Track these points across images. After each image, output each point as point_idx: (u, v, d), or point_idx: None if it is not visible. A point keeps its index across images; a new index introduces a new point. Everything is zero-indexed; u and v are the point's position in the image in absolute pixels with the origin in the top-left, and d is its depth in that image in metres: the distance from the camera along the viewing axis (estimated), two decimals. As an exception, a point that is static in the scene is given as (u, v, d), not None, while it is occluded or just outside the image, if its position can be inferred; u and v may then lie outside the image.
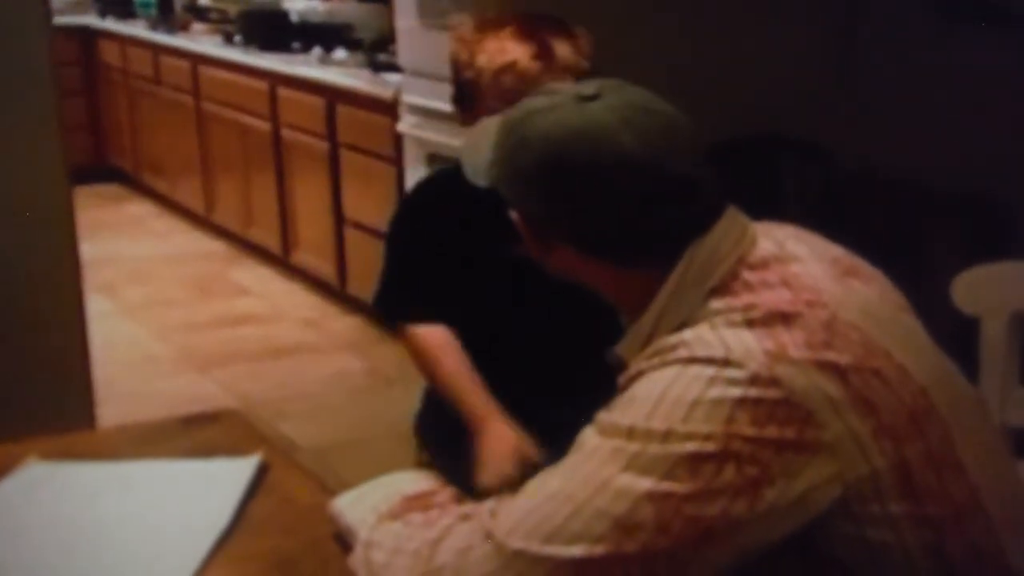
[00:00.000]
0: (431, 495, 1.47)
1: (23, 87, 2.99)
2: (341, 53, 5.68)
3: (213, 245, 6.52)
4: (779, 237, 1.45)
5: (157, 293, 5.76)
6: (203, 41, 6.69)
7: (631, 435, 1.27)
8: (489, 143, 1.50)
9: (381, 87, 4.85)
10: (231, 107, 6.15)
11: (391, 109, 4.69)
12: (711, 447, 1.24)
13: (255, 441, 1.92)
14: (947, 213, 3.77)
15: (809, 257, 1.42)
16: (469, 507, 1.40)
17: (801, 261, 1.41)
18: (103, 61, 7.76)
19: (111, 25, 7.71)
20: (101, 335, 3.59)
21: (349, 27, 5.98)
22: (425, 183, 2.31)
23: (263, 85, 5.78)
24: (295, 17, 6.33)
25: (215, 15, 7.22)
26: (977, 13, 3.81)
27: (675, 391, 1.27)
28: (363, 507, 1.49)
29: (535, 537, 1.27)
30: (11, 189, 3.00)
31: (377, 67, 5.18)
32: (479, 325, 2.13)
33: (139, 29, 7.35)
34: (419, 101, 4.40)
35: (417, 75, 4.41)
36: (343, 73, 5.27)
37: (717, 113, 1.47)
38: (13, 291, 3.03)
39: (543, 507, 1.28)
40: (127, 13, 7.82)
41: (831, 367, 1.28)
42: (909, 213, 3.80)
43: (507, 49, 2.01)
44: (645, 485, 1.24)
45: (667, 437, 1.25)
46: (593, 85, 1.43)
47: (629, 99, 1.41)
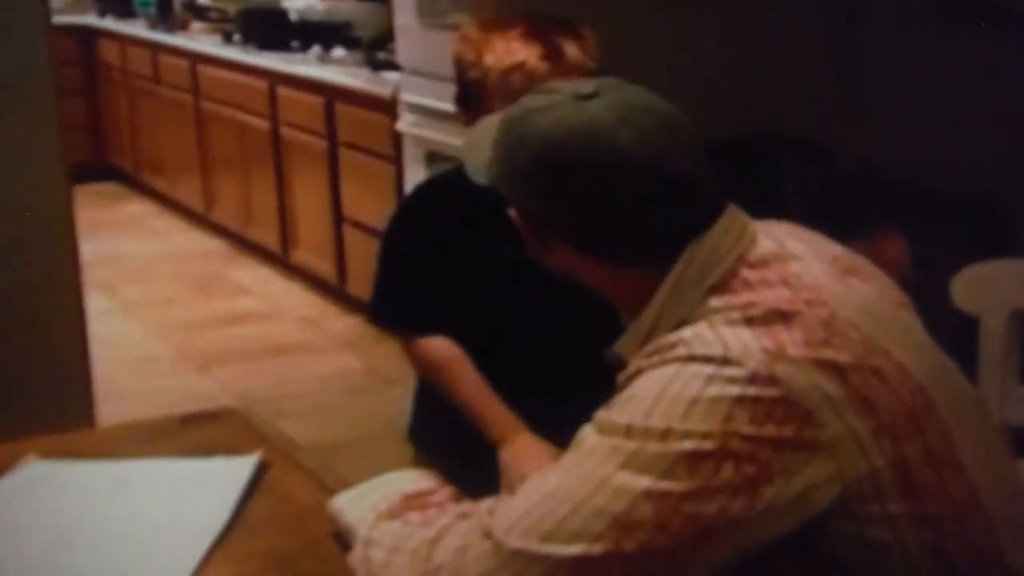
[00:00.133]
0: (430, 494, 1.47)
1: (23, 86, 2.98)
2: (340, 52, 5.69)
3: (212, 244, 6.52)
4: (779, 236, 1.45)
5: (156, 292, 5.76)
6: (202, 40, 6.69)
7: (629, 433, 1.27)
8: (489, 141, 1.50)
9: (380, 86, 4.85)
10: (230, 106, 6.15)
11: (390, 108, 4.69)
12: (709, 445, 1.24)
13: (254, 440, 1.92)
14: (947, 213, 3.76)
15: (809, 256, 1.42)
16: (467, 506, 1.40)
17: (801, 260, 1.41)
18: (102, 60, 7.76)
19: (110, 24, 7.71)
20: (101, 334, 3.59)
21: (348, 25, 5.98)
22: (424, 186, 2.28)
23: (262, 84, 5.78)
24: (294, 16, 6.33)
25: (214, 14, 7.22)
26: (977, 13, 3.81)
27: (674, 389, 1.27)
28: (362, 506, 1.49)
29: (533, 536, 1.27)
30: (11, 188, 3.00)
31: (376, 66, 5.18)
32: (479, 326, 2.11)
33: (138, 28, 7.35)
34: (418, 100, 4.40)
35: (416, 74, 4.41)
36: (342, 72, 5.27)
37: (716, 112, 1.47)
38: (13, 290, 3.02)
39: (541, 505, 1.28)
40: (126, 12, 7.83)
41: (830, 366, 1.28)
42: (909, 212, 3.80)
43: (515, 49, 1.97)
44: (643, 483, 1.24)
45: (665, 435, 1.25)
46: (592, 84, 1.43)
47: (628, 98, 1.41)
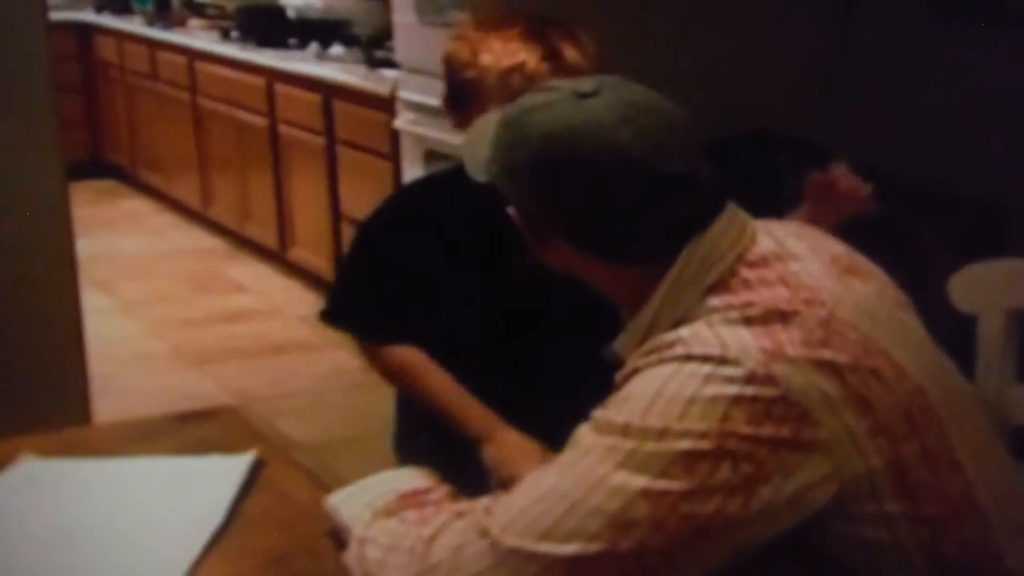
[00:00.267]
0: (426, 492, 1.47)
1: (20, 83, 2.98)
2: (338, 49, 5.68)
3: (210, 241, 6.52)
4: (779, 235, 1.45)
5: (153, 289, 5.76)
6: (200, 37, 6.69)
7: (626, 432, 1.27)
8: (488, 140, 1.50)
9: (378, 83, 4.85)
10: (228, 103, 6.14)
11: (388, 105, 4.68)
12: (706, 445, 1.23)
13: (251, 438, 1.91)
14: (943, 211, 3.76)
15: (808, 255, 1.42)
16: (464, 504, 1.40)
17: (800, 259, 1.40)
18: (100, 57, 7.75)
19: (108, 21, 7.71)
20: (97, 331, 3.59)
21: (346, 23, 5.97)
22: (403, 191, 2.22)
23: (260, 81, 5.77)
24: (292, 13, 6.32)
25: (212, 11, 7.22)
26: (975, 12, 3.81)
27: (671, 388, 1.27)
28: (358, 504, 1.49)
29: (529, 535, 1.27)
30: (7, 185, 3.00)
31: (374, 63, 5.18)
32: (461, 332, 2.06)
33: (136, 25, 7.34)
34: (416, 97, 4.40)
35: (414, 71, 4.40)
36: (340, 69, 5.27)
37: (714, 111, 1.47)
38: (9, 287, 3.02)
39: (538, 504, 1.28)
40: (124, 9, 7.82)
41: (828, 366, 1.28)
42: (905, 211, 3.80)
43: (515, 50, 1.93)
44: (640, 483, 1.24)
45: (662, 435, 1.25)
46: (591, 82, 1.42)
47: (628, 96, 1.40)
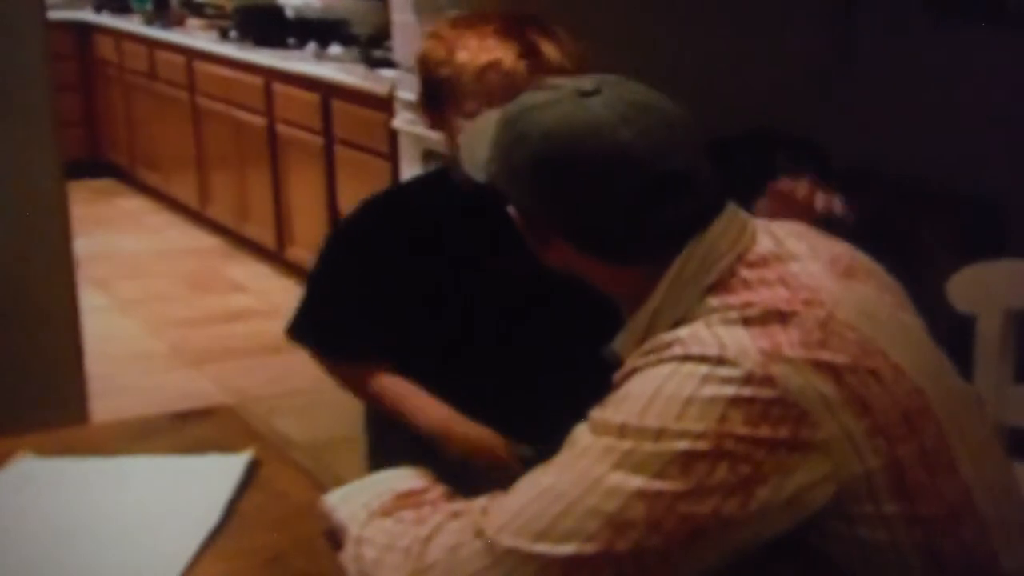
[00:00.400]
0: (423, 492, 1.47)
1: (17, 82, 2.98)
2: (336, 49, 5.68)
3: (208, 241, 6.52)
4: (779, 235, 1.45)
5: (151, 288, 5.76)
6: (198, 36, 6.68)
7: (623, 433, 1.26)
8: (487, 139, 1.49)
9: (376, 83, 4.85)
10: (226, 102, 6.14)
11: (386, 105, 4.68)
12: (703, 446, 1.23)
13: (248, 437, 1.91)
14: (943, 211, 3.76)
15: (808, 256, 1.42)
16: (460, 504, 1.40)
17: (799, 260, 1.40)
18: (98, 56, 7.75)
19: (106, 20, 7.70)
20: (95, 330, 3.58)
21: (345, 22, 5.97)
22: (369, 202, 2.13)
23: (258, 80, 5.77)
24: (290, 12, 6.32)
25: (210, 10, 7.22)
26: (975, 12, 3.81)
27: (669, 389, 1.27)
28: (354, 504, 1.49)
29: (526, 535, 1.27)
30: (5, 184, 2.99)
31: (372, 63, 5.18)
32: (437, 342, 1.99)
33: (134, 24, 7.34)
34: (414, 97, 4.38)
35: (412, 71, 4.39)
36: (338, 69, 5.27)
37: (714, 111, 1.46)
38: (6, 286, 3.02)
39: (534, 505, 1.28)
40: (122, 8, 7.82)
41: (826, 366, 1.27)
42: (903, 211, 3.80)
43: (491, 47, 1.90)
44: (636, 483, 1.24)
45: (660, 435, 1.24)
46: (592, 80, 1.42)
47: (628, 95, 1.40)
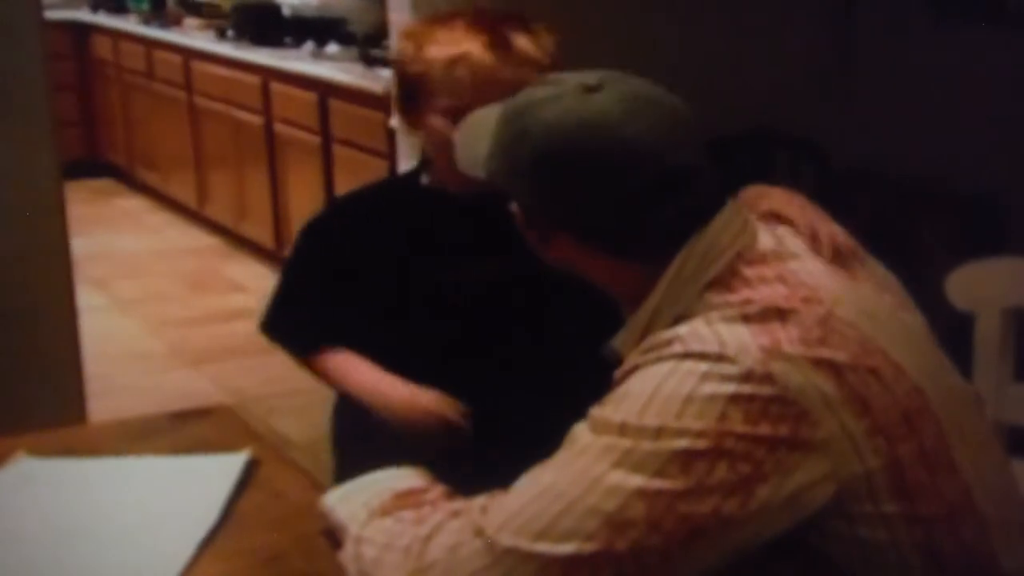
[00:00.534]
0: (422, 492, 1.46)
1: (15, 82, 2.97)
2: (334, 47, 5.67)
3: (206, 240, 6.51)
4: (779, 232, 1.45)
5: (150, 288, 5.75)
6: (196, 36, 6.68)
7: (623, 431, 1.26)
8: (485, 134, 1.49)
9: (374, 81, 4.84)
10: (224, 102, 6.13)
11: (384, 104, 4.67)
12: (703, 444, 1.23)
13: (246, 437, 1.91)
14: (942, 210, 3.76)
15: (808, 253, 1.42)
16: (460, 504, 1.40)
17: (799, 257, 1.40)
18: (95, 56, 7.74)
19: (103, 20, 7.70)
20: (94, 330, 3.58)
21: (342, 21, 5.97)
22: (347, 197, 2.11)
23: (256, 80, 5.77)
24: (287, 11, 6.32)
25: (208, 10, 7.21)
26: (975, 12, 3.81)
27: (668, 387, 1.26)
28: (354, 503, 1.48)
29: (525, 534, 1.26)
30: (3, 184, 2.99)
31: (370, 61, 5.17)
32: (407, 344, 1.96)
33: (131, 24, 7.33)
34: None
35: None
36: (336, 68, 5.26)
37: (714, 110, 1.47)
38: (5, 286, 3.01)
39: (534, 504, 1.28)
40: (119, 8, 7.81)
41: (826, 364, 1.27)
42: (903, 210, 3.80)
43: (459, 39, 1.86)
44: (636, 482, 1.24)
45: (659, 434, 1.24)
46: (596, 75, 1.42)
47: (634, 90, 1.40)
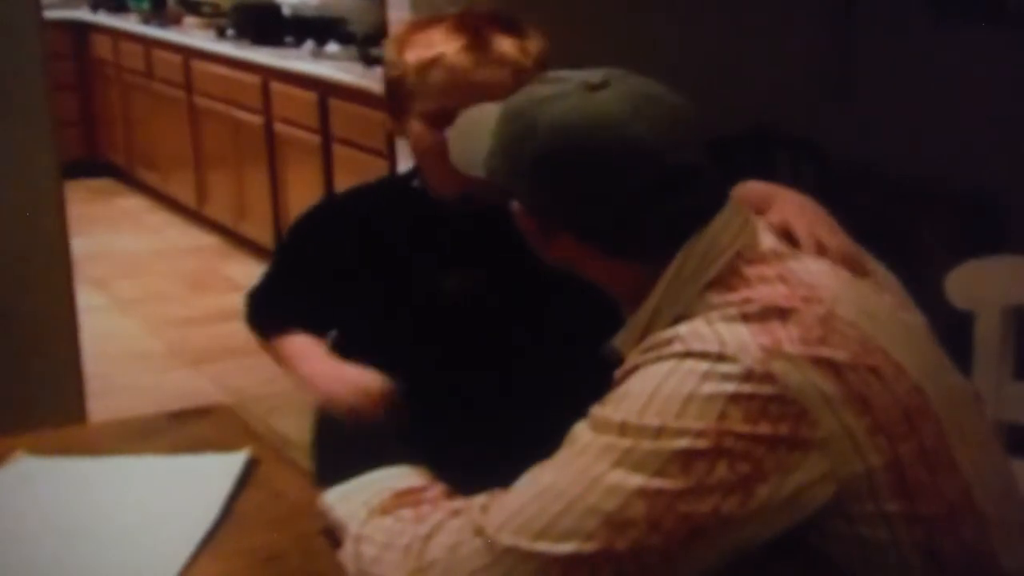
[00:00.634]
0: (422, 491, 1.46)
1: (14, 82, 2.98)
2: (334, 47, 5.67)
3: (205, 240, 6.51)
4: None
5: (149, 288, 5.75)
6: (195, 35, 6.68)
7: (623, 431, 1.26)
8: (484, 132, 1.49)
9: (374, 81, 4.83)
10: (223, 101, 6.13)
11: (384, 103, 4.67)
12: (703, 444, 1.23)
13: (246, 436, 1.91)
14: (942, 210, 3.76)
15: (809, 253, 1.42)
16: (460, 503, 1.40)
17: (800, 257, 1.41)
18: (95, 55, 7.74)
19: (103, 19, 7.70)
20: (93, 330, 3.58)
21: (342, 21, 5.97)
22: (327, 200, 2.07)
23: (255, 79, 5.77)
24: (287, 11, 6.32)
25: (207, 9, 7.21)
26: (975, 12, 3.81)
27: (668, 386, 1.26)
28: (353, 502, 1.48)
29: (525, 533, 1.26)
30: (3, 184, 2.99)
31: (370, 61, 5.17)
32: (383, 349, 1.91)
33: (131, 23, 7.33)
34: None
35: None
36: (336, 67, 5.26)
37: (713, 110, 1.47)
38: (4, 286, 3.01)
39: (534, 503, 1.27)
40: (119, 7, 7.81)
41: (827, 363, 1.27)
42: (903, 210, 3.80)
43: (435, 42, 1.81)
44: (636, 481, 1.23)
45: (659, 433, 1.24)
46: (600, 73, 1.42)
47: (637, 88, 1.40)
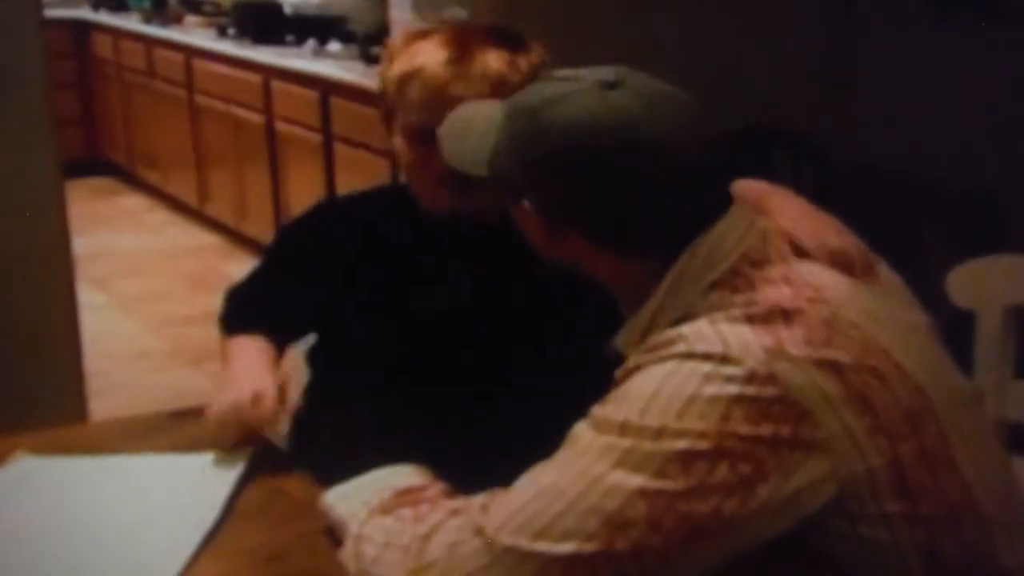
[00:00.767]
0: (422, 490, 1.46)
1: (15, 80, 2.98)
2: (335, 46, 5.68)
3: (206, 239, 6.51)
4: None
5: (150, 287, 5.75)
6: (197, 34, 6.68)
7: (624, 431, 1.26)
8: (482, 131, 1.48)
9: (375, 80, 4.83)
10: (225, 100, 6.13)
11: (385, 103, 4.68)
12: (704, 445, 1.23)
13: (246, 435, 1.90)
14: (942, 208, 3.76)
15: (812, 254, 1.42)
16: (460, 502, 1.39)
17: (804, 259, 1.40)
18: (96, 54, 7.74)
19: (104, 18, 7.70)
20: (94, 329, 3.58)
21: (343, 20, 5.97)
22: (321, 204, 2.09)
23: (257, 78, 5.77)
24: (289, 10, 6.32)
25: (208, 8, 7.21)
26: (975, 11, 3.81)
27: (670, 387, 1.26)
28: (354, 502, 1.48)
29: (525, 533, 1.26)
30: (3, 183, 2.99)
31: (371, 60, 5.17)
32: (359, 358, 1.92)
33: (132, 22, 7.34)
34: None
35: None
36: (337, 66, 5.26)
37: (714, 110, 1.47)
38: (5, 285, 3.01)
39: (534, 503, 1.27)
40: (120, 6, 7.82)
41: (830, 365, 1.27)
42: (904, 208, 3.80)
43: (418, 54, 1.79)
44: (637, 482, 1.23)
45: (660, 434, 1.24)
46: (612, 72, 1.41)
47: (649, 87, 1.40)
